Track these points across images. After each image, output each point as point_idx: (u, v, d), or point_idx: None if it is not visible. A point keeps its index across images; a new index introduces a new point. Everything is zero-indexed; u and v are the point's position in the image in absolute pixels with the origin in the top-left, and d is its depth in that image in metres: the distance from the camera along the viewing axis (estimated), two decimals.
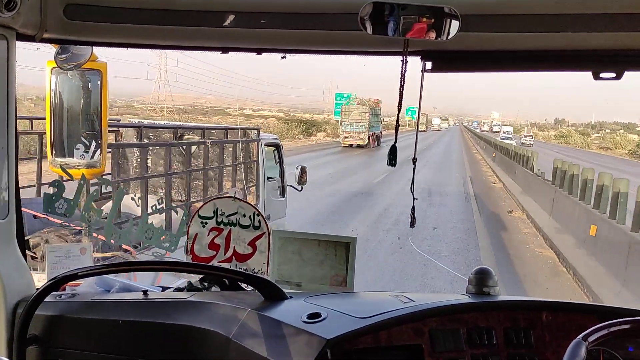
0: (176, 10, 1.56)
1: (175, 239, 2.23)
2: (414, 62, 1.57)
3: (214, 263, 2.00)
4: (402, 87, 1.55)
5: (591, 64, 1.53)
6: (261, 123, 52.13)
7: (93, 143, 2.00)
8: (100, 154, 2.02)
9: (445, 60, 1.58)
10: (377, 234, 11.70)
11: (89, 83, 1.98)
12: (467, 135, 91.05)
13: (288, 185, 8.33)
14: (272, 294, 1.68)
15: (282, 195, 8.23)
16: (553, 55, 1.52)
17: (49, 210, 2.07)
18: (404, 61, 1.52)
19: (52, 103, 1.98)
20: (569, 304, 1.64)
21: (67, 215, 2.14)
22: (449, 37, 1.43)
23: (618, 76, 1.52)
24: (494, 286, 1.69)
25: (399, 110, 1.61)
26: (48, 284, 1.60)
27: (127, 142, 6.65)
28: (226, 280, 1.91)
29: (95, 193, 2.36)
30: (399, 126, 1.66)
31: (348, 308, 1.53)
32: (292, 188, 8.36)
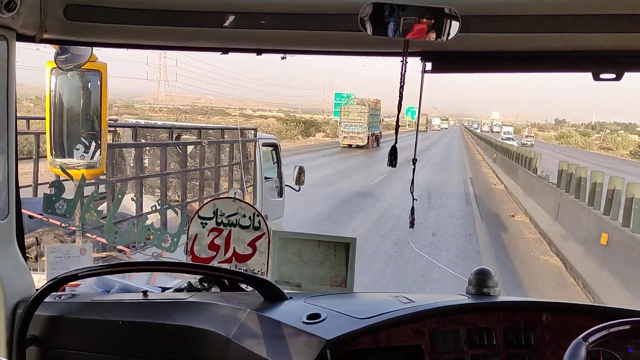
0: (176, 10, 1.56)
1: (175, 240, 2.22)
2: (414, 63, 1.57)
3: (214, 264, 2.00)
4: (402, 88, 1.55)
5: (591, 65, 1.53)
6: (261, 123, 51.91)
7: (93, 143, 2.00)
8: (100, 155, 2.03)
9: (445, 61, 1.58)
10: (373, 241, 10.96)
11: (89, 84, 1.98)
12: (467, 135, 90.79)
13: (286, 185, 8.33)
14: (272, 295, 1.68)
15: (280, 195, 8.21)
16: (553, 56, 1.52)
17: (49, 210, 2.07)
18: (404, 62, 1.52)
19: (52, 104, 1.98)
20: (569, 305, 1.64)
21: (67, 215, 2.14)
22: (449, 38, 1.43)
23: (618, 77, 1.52)
24: (494, 287, 1.69)
25: (399, 110, 1.61)
26: (48, 285, 1.60)
27: (123, 142, 6.64)
28: (226, 280, 1.91)
29: (95, 194, 2.36)
30: (399, 127, 1.66)
31: (348, 309, 1.53)
32: (290, 188, 8.36)
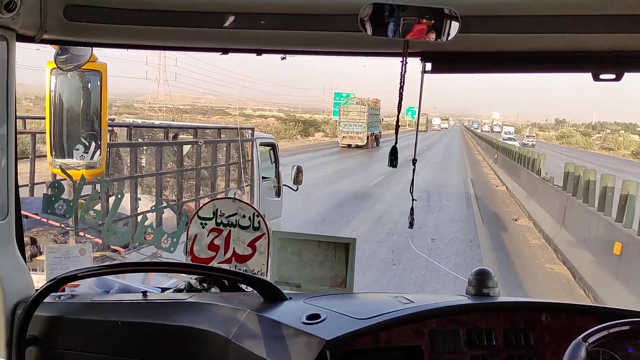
0: (176, 11, 1.56)
1: (175, 240, 2.22)
2: (414, 63, 1.57)
3: (214, 264, 2.00)
4: (402, 88, 1.55)
5: (591, 65, 1.53)
6: (260, 123, 51.70)
7: (93, 144, 2.00)
8: (99, 155, 2.02)
9: (445, 61, 1.58)
10: (369, 247, 10.25)
11: (89, 84, 1.98)
12: (468, 135, 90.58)
13: (284, 185, 8.32)
14: (272, 295, 1.68)
15: (278, 195, 8.20)
16: (553, 56, 1.52)
17: (49, 211, 2.07)
18: (404, 62, 1.52)
19: (52, 104, 1.97)
20: (569, 305, 1.64)
21: (67, 216, 2.14)
22: (449, 39, 1.43)
23: (618, 77, 1.52)
24: (494, 287, 1.69)
25: (399, 111, 1.61)
26: (47, 285, 1.60)
27: (119, 142, 6.65)
28: (225, 281, 1.91)
29: (95, 194, 2.36)
30: (399, 126, 1.66)
31: (347, 309, 1.53)
32: (288, 188, 8.35)
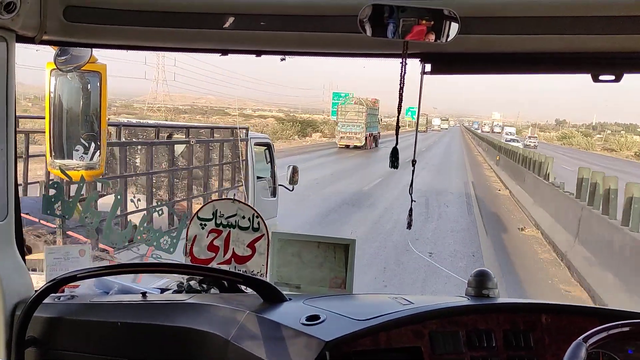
0: (175, 12, 1.56)
1: (175, 241, 2.22)
2: (414, 64, 1.57)
3: (213, 265, 2.00)
4: (402, 89, 1.55)
5: (590, 67, 1.53)
6: (259, 123, 51.40)
7: (92, 144, 2.00)
8: (99, 156, 2.02)
9: (444, 62, 1.58)
10: (358, 264, 9.24)
11: (89, 85, 1.97)
12: (468, 136, 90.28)
13: (280, 185, 8.33)
14: (271, 296, 1.68)
15: (274, 195, 8.20)
16: (552, 57, 1.52)
17: (48, 212, 2.07)
18: (404, 63, 1.52)
19: (52, 105, 1.97)
20: (569, 307, 1.64)
21: (67, 217, 2.14)
22: (449, 40, 1.43)
23: (617, 79, 1.53)
24: (494, 288, 1.69)
25: (399, 112, 1.61)
26: (47, 286, 1.59)
27: (113, 141, 6.69)
28: (225, 282, 1.91)
29: (95, 194, 2.36)
30: (399, 127, 1.66)
31: (347, 310, 1.53)
32: (284, 188, 8.36)
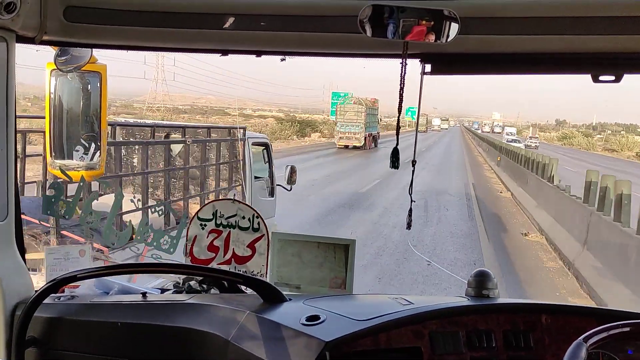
0: (176, 12, 1.57)
1: (175, 241, 2.22)
2: (414, 64, 1.57)
3: (213, 265, 2.00)
4: (402, 90, 1.55)
5: (590, 67, 1.53)
6: (259, 123, 51.21)
7: (92, 145, 2.00)
8: (99, 156, 2.02)
9: (444, 62, 1.58)
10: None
11: (89, 85, 1.97)
12: (468, 136, 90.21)
13: (278, 185, 8.34)
14: (271, 296, 1.68)
15: (271, 195, 8.23)
16: (552, 58, 1.52)
17: (48, 212, 2.07)
18: (404, 64, 1.52)
19: (52, 105, 1.97)
20: (569, 307, 1.64)
21: (67, 217, 2.14)
22: (449, 40, 1.43)
23: (617, 79, 1.52)
24: (494, 289, 1.69)
25: (399, 112, 1.61)
26: (47, 286, 1.60)
27: (111, 141, 6.70)
28: (225, 282, 1.91)
29: (95, 194, 2.36)
30: (399, 127, 1.66)
31: (347, 310, 1.53)
32: (282, 187, 8.37)
